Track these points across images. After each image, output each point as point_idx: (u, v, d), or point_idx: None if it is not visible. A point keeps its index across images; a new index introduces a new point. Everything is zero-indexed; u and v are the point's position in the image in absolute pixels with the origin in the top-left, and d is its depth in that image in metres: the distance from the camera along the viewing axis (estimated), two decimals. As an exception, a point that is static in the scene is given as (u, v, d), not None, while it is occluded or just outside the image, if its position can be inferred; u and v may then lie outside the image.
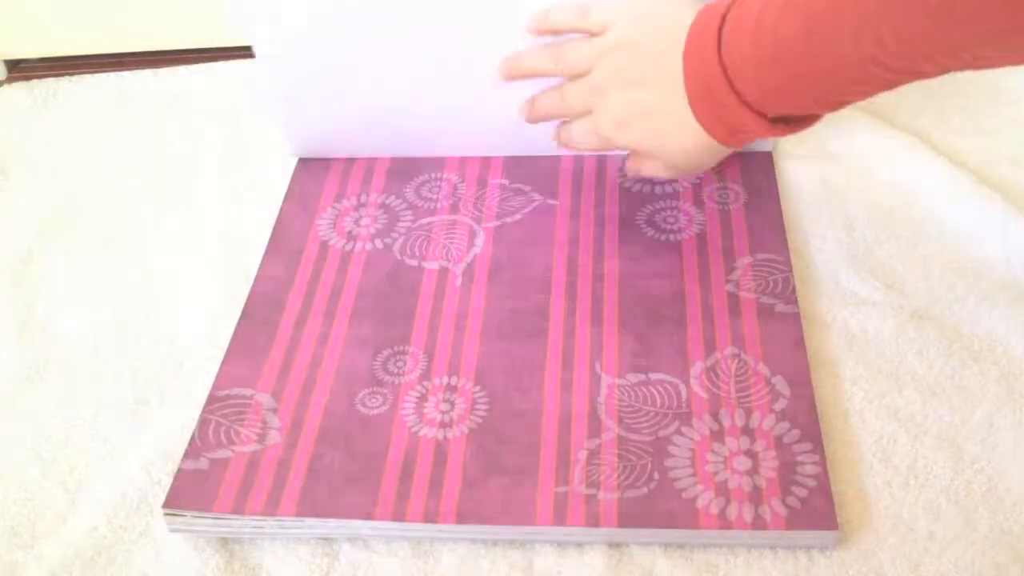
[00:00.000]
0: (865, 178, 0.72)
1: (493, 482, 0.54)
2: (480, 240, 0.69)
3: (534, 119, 0.67)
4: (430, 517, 0.53)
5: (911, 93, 0.78)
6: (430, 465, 0.55)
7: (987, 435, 0.56)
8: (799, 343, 0.60)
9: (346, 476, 0.55)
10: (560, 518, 0.52)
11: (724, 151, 0.59)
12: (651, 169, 0.63)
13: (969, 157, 0.72)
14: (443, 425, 0.57)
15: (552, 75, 0.64)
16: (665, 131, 0.58)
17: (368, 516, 0.53)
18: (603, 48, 0.59)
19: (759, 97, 0.53)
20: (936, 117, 0.76)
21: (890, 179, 0.71)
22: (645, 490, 0.53)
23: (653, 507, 0.52)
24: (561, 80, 0.64)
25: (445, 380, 0.60)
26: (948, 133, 0.74)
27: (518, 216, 0.70)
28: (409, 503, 0.54)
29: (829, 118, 0.75)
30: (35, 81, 0.89)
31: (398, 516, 0.53)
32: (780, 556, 0.52)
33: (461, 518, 0.53)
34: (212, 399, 0.60)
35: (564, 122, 0.66)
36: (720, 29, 0.53)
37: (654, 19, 0.58)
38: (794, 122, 0.55)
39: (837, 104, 0.53)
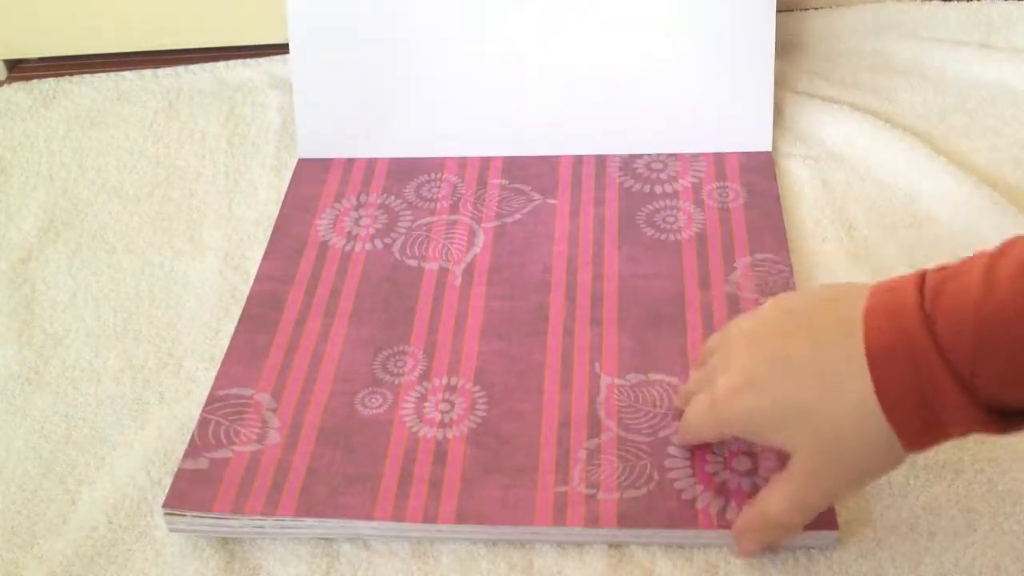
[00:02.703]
0: (865, 178, 0.72)
1: (492, 482, 0.54)
2: (480, 240, 0.69)
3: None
4: (429, 517, 0.53)
5: (911, 93, 0.78)
6: (430, 465, 0.55)
7: (987, 435, 0.56)
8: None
9: (346, 476, 0.55)
10: (560, 518, 0.52)
11: (887, 456, 0.44)
12: (779, 499, 0.48)
13: (969, 157, 0.72)
14: (443, 425, 0.57)
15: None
16: (798, 401, 0.45)
17: (367, 516, 0.53)
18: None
19: (976, 363, 0.40)
20: (937, 117, 0.76)
21: (890, 179, 0.71)
22: (644, 490, 0.53)
23: (652, 507, 0.52)
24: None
25: (445, 380, 0.60)
26: (949, 133, 0.74)
27: (517, 216, 0.70)
28: (408, 503, 0.54)
29: (829, 118, 0.76)
30: (35, 81, 0.88)
31: (397, 516, 0.53)
32: (780, 556, 0.52)
33: (461, 518, 0.53)
34: (212, 399, 0.60)
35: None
36: (921, 288, 0.42)
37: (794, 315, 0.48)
38: (1016, 419, 0.41)
39: None
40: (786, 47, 0.83)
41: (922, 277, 0.43)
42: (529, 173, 0.73)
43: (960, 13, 0.83)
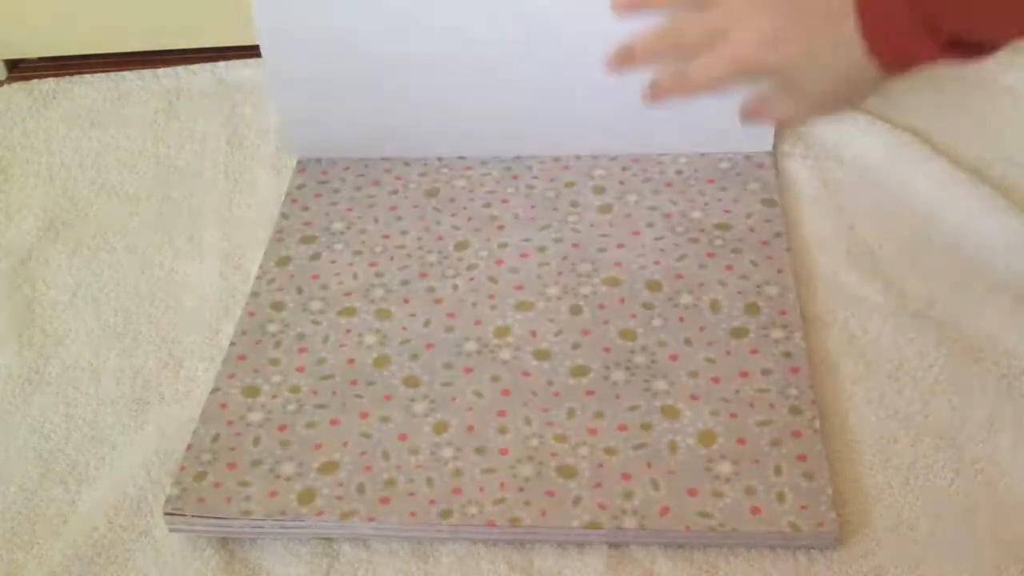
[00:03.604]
0: (865, 178, 0.72)
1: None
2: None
3: (643, 59, 0.57)
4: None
5: (911, 93, 0.78)
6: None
7: (987, 435, 0.56)
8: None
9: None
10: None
11: (876, 82, 0.51)
12: (783, 108, 0.55)
13: (968, 156, 0.72)
14: None
15: (676, 55, 0.55)
16: (818, 50, 0.50)
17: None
18: None
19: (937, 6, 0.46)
20: (936, 116, 0.76)
21: (890, 179, 0.71)
22: None
23: None
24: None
25: (445, 379, 0.60)
26: (948, 133, 0.74)
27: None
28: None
29: (829, 117, 0.75)
30: (35, 81, 0.88)
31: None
32: (780, 556, 0.52)
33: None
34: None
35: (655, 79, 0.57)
36: None
37: None
38: (971, 49, 0.48)
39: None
40: (786, 47, 0.83)
41: None
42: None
43: (960, 13, 0.83)
